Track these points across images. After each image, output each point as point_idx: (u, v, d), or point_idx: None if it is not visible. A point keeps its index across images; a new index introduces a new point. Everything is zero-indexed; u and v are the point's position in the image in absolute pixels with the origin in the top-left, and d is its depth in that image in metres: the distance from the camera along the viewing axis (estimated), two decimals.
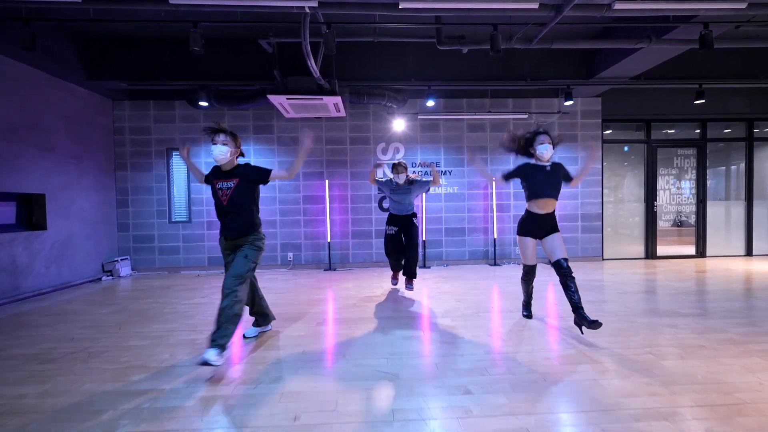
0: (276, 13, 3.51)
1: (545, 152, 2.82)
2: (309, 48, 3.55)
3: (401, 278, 4.48)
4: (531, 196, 2.90)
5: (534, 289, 3.35)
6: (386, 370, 2.27)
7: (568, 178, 2.95)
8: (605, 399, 1.88)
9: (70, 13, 3.51)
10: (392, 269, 4.32)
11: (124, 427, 1.71)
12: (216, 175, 2.60)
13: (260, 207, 6.04)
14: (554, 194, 2.86)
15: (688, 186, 6.81)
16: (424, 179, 4.15)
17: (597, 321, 2.52)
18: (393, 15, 3.21)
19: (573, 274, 2.75)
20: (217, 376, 2.22)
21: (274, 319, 3.03)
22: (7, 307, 3.95)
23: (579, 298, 2.69)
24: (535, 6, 3.01)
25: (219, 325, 2.31)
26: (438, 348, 2.60)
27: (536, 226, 2.91)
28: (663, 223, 7.02)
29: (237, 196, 2.53)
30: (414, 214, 4.09)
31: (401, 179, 3.96)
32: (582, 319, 2.61)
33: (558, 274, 2.77)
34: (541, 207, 2.86)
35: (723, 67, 5.82)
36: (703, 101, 5.61)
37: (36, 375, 2.28)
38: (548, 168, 2.88)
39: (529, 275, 3.10)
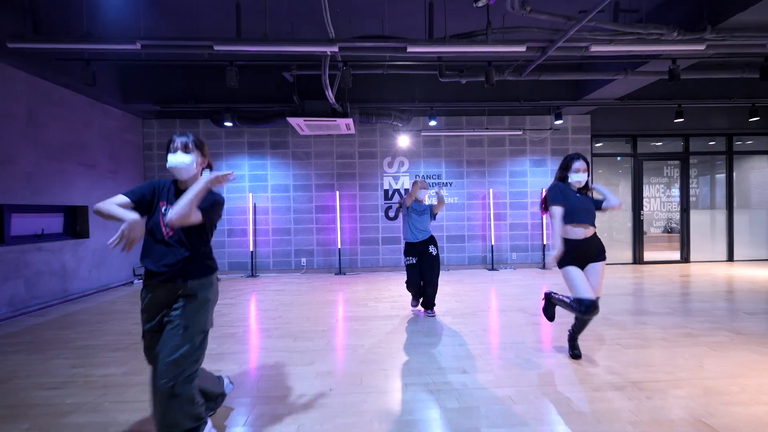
0: (301, 54, 4.05)
1: (579, 180, 2.60)
2: (328, 81, 4.08)
3: (420, 308, 4.05)
4: (567, 220, 2.57)
5: (516, 291, 3.79)
6: (399, 355, 2.77)
7: (598, 206, 2.67)
8: (572, 375, 2.38)
9: (127, 55, 4.05)
10: (413, 297, 3.96)
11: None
12: (164, 195, 1.73)
13: (275, 216, 6.65)
14: (591, 221, 2.56)
15: (677, 194, 7.29)
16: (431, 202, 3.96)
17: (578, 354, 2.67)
18: (401, 56, 3.73)
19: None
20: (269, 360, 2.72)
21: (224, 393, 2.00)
22: (59, 307, 4.47)
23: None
24: (523, 49, 3.53)
25: None
26: (440, 340, 3.10)
27: (577, 253, 2.56)
28: (654, 230, 7.50)
29: (185, 231, 1.68)
30: (432, 240, 3.83)
31: (422, 195, 3.81)
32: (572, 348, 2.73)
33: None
34: (580, 233, 2.56)
35: (702, 88, 6.32)
36: (683, 120, 6.11)
37: (114, 360, 2.79)
38: (578, 195, 2.62)
39: (588, 312, 2.45)
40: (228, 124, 5.67)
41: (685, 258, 7.05)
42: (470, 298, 4.56)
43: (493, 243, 6.61)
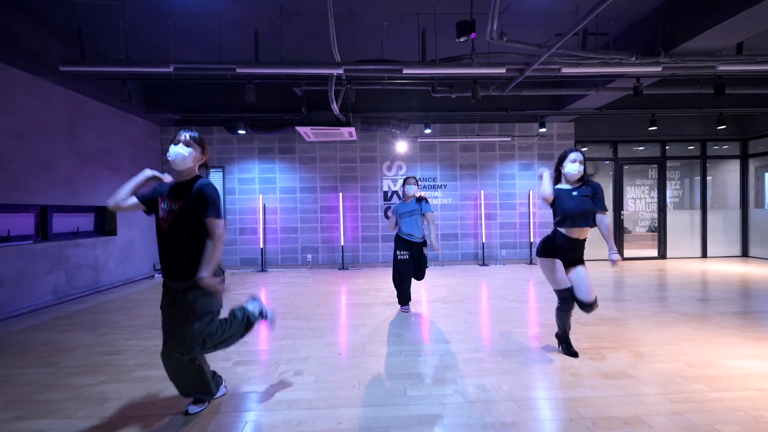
0: (310, 74, 4.61)
1: (573, 172, 2.61)
2: (333, 96, 4.64)
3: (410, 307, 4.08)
4: (560, 224, 2.62)
5: (504, 284, 4.34)
6: (395, 331, 3.32)
7: (600, 207, 2.60)
8: (533, 344, 2.93)
9: (158, 75, 4.62)
10: (403, 300, 3.96)
11: (234, 359, 2.78)
12: (163, 191, 1.95)
13: (283, 216, 7.21)
14: (586, 223, 2.57)
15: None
16: (428, 204, 3.89)
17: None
18: (398, 75, 4.27)
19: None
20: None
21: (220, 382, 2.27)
22: (93, 297, 5.02)
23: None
24: (503, 71, 4.09)
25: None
26: (431, 320, 3.65)
27: (561, 249, 2.62)
28: (639, 229, 8.05)
29: (180, 225, 1.86)
30: (425, 243, 3.90)
31: (411, 191, 3.81)
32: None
33: (580, 308, 2.62)
34: (573, 234, 2.61)
35: (673, 98, 6.87)
36: (656, 128, 6.67)
37: (158, 335, 3.28)
38: (575, 192, 2.61)
39: (566, 302, 2.62)
40: (241, 132, 6.22)
41: (662, 255, 7.61)
42: (460, 288, 5.11)
43: (484, 241, 7.16)
